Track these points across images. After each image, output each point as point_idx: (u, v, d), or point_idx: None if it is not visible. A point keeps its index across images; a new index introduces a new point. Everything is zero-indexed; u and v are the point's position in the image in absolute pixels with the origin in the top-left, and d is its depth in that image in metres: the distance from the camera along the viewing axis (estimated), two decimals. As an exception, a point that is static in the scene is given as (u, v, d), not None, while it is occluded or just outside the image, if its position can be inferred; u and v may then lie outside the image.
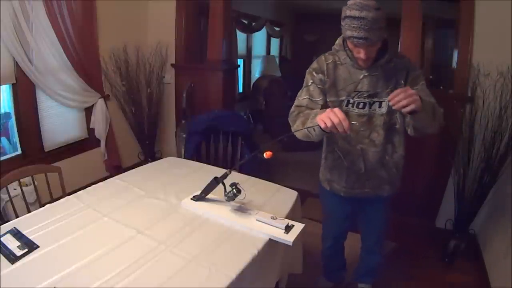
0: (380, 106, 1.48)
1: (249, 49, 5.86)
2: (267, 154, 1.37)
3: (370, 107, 1.48)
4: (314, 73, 1.53)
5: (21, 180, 1.83)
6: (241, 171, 2.11)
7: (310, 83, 1.54)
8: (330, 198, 1.76)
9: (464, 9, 2.41)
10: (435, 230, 2.74)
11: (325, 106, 1.50)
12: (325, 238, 1.95)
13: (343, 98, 1.50)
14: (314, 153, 1.71)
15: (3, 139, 2.68)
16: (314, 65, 1.54)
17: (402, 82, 1.45)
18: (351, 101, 1.49)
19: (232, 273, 1.18)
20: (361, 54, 1.34)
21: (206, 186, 1.58)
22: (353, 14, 1.24)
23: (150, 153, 3.56)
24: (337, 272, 2.07)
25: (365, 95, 1.47)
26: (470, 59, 2.42)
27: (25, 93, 2.59)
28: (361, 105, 1.49)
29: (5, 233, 1.31)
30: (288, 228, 1.42)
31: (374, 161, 1.56)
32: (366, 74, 1.45)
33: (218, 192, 1.58)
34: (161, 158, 2.51)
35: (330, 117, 1.23)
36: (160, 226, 1.45)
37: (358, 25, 1.25)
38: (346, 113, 1.45)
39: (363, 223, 1.87)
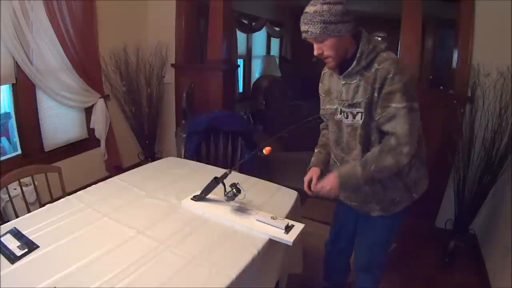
0: (361, 118, 1.38)
1: (249, 49, 5.85)
2: (266, 150, 1.40)
3: (354, 118, 1.40)
4: (320, 83, 1.59)
5: (21, 180, 1.83)
6: (241, 171, 2.11)
7: (319, 93, 1.60)
8: (338, 199, 1.74)
9: (464, 9, 2.41)
10: (435, 230, 2.74)
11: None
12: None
13: (336, 106, 1.47)
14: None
15: (3, 139, 2.68)
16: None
17: (376, 95, 1.31)
18: (342, 110, 1.44)
19: (232, 273, 1.18)
20: (314, 50, 1.33)
21: (206, 186, 1.58)
22: (304, 10, 1.29)
23: (150, 153, 3.56)
24: (335, 275, 2.02)
25: (346, 105, 1.41)
26: (470, 59, 2.42)
27: (25, 93, 2.59)
28: (345, 115, 1.43)
29: (5, 233, 1.31)
30: (288, 228, 1.43)
31: None
32: (344, 82, 1.40)
33: (218, 192, 1.58)
34: (161, 158, 2.51)
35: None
36: (160, 226, 1.45)
37: (302, 19, 1.29)
38: (341, 122, 1.47)
39: (356, 240, 1.77)
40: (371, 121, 1.36)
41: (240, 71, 5.70)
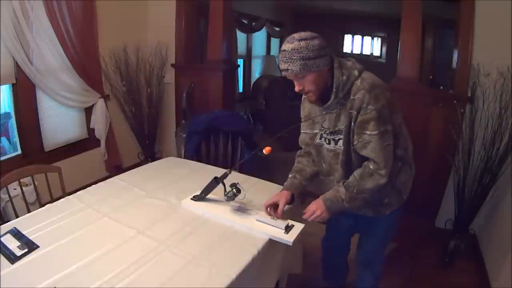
0: (342, 144, 1.43)
1: (249, 49, 5.85)
2: (266, 150, 1.41)
3: (336, 144, 1.45)
4: (301, 105, 1.59)
5: (21, 180, 1.83)
6: (241, 171, 2.11)
7: (301, 115, 1.60)
8: None
9: (464, 9, 2.41)
10: (435, 230, 2.74)
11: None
12: None
13: (317, 131, 1.51)
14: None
15: (3, 139, 2.68)
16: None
17: (353, 124, 1.36)
18: (323, 135, 1.49)
19: (232, 273, 1.18)
20: (295, 87, 1.35)
21: (206, 186, 1.58)
22: (281, 48, 1.31)
23: (150, 153, 3.56)
24: (334, 273, 2.03)
25: (327, 132, 1.46)
26: (470, 59, 2.42)
27: (25, 93, 2.59)
28: (326, 141, 1.48)
29: (5, 233, 1.31)
30: (288, 228, 1.43)
31: None
32: (324, 112, 1.43)
33: (218, 192, 1.58)
34: (161, 158, 2.51)
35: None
36: (160, 226, 1.45)
37: (280, 57, 1.31)
38: (320, 146, 1.51)
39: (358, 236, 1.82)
40: (351, 147, 1.41)
41: (240, 71, 5.70)
